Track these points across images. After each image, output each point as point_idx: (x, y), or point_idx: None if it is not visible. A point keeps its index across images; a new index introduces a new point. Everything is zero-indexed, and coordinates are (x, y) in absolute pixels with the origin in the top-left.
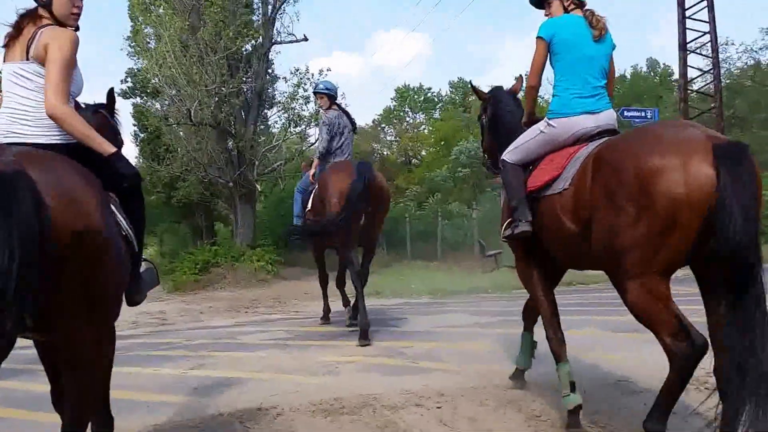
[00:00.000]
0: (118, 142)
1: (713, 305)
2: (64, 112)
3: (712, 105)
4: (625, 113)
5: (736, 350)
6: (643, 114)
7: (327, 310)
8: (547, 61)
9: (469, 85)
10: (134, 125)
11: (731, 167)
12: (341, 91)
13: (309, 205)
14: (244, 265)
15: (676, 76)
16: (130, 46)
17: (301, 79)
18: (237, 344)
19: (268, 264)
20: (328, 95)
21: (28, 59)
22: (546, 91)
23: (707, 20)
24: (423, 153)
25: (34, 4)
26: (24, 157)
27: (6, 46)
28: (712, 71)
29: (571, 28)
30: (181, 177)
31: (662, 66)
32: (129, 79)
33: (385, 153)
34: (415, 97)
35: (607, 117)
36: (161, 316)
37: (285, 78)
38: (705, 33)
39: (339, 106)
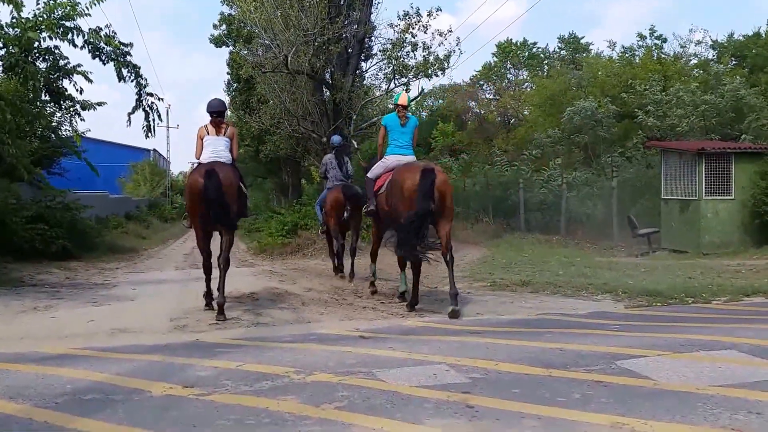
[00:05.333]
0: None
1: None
2: (237, 158)
3: None
4: None
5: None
6: None
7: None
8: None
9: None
10: (228, 74)
11: (424, 175)
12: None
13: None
14: None
15: None
16: None
17: (410, 24)
18: (381, 394)
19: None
20: (332, 146)
21: (224, 136)
22: None
23: None
24: (525, 112)
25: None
26: (223, 165)
27: (216, 128)
28: None
29: (392, 120)
30: (270, 130)
31: None
32: (223, 25)
33: (482, 112)
34: (518, 52)
35: (409, 159)
36: (252, 304)
37: (391, 23)
38: None
39: (338, 150)
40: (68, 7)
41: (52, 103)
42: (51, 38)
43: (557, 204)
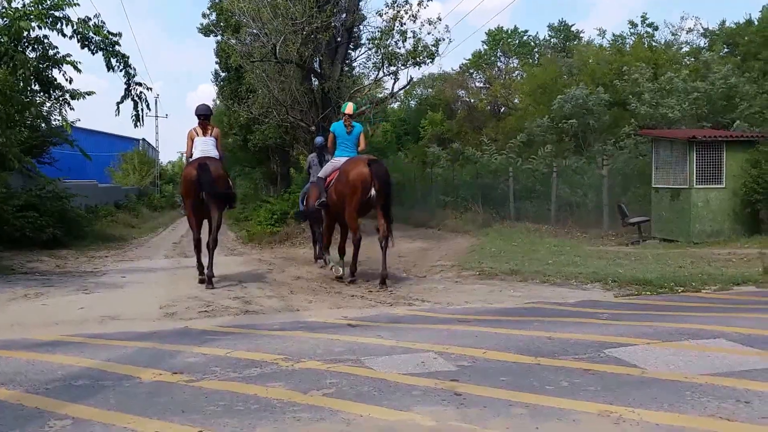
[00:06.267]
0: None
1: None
2: (219, 154)
3: None
4: None
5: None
6: None
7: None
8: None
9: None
10: (216, 63)
11: (373, 167)
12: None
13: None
14: None
15: None
16: None
17: (398, 12)
18: (369, 382)
19: None
20: (315, 146)
21: (210, 136)
22: None
23: None
24: (516, 101)
25: None
26: (210, 159)
27: (203, 130)
28: None
29: (339, 128)
30: (259, 119)
31: None
32: (213, 14)
33: (471, 101)
34: (509, 40)
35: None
36: (241, 292)
37: (380, 12)
38: None
39: (320, 149)
40: None
41: (41, 93)
42: (40, 28)
43: (547, 192)
